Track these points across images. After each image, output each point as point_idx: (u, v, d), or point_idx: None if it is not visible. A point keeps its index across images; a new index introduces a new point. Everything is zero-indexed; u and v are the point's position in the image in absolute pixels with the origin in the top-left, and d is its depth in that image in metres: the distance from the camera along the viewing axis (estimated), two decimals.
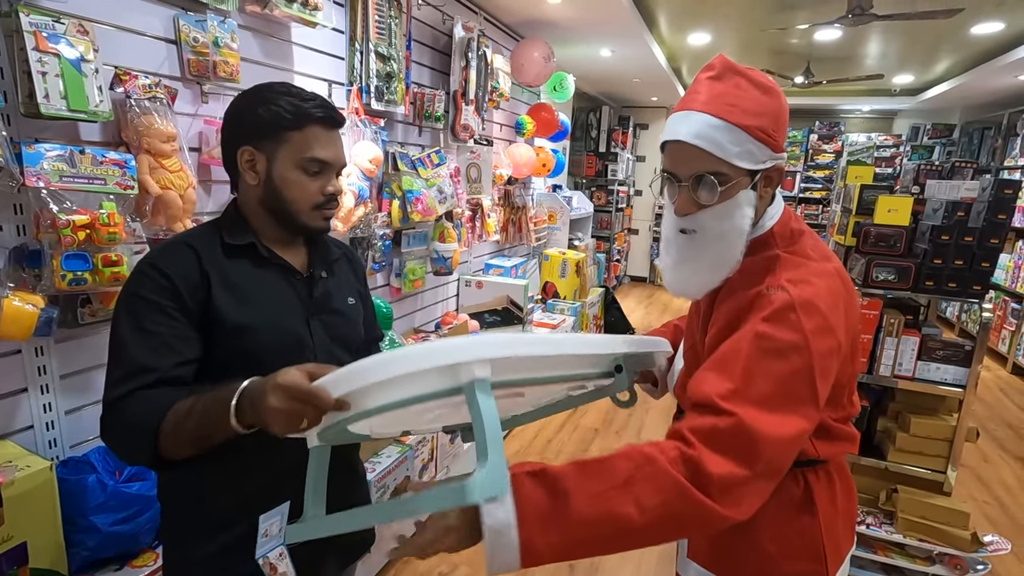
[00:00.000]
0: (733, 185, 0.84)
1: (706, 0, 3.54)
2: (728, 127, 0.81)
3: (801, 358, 0.77)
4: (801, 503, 0.94)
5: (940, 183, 2.06)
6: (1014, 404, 4.05)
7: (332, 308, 0.99)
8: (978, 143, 6.15)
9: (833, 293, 0.82)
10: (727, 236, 0.86)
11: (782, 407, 0.75)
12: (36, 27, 1.09)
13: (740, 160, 0.83)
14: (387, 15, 2.17)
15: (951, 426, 1.95)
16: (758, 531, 0.93)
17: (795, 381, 0.77)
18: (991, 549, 1.90)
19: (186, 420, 0.75)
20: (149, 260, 0.86)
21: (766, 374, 0.76)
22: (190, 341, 0.84)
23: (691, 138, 0.82)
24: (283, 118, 0.89)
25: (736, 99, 0.83)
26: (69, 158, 1.18)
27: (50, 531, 1.16)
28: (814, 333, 0.77)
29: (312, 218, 0.94)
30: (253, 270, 0.92)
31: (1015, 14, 3.52)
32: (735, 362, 0.78)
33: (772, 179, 0.88)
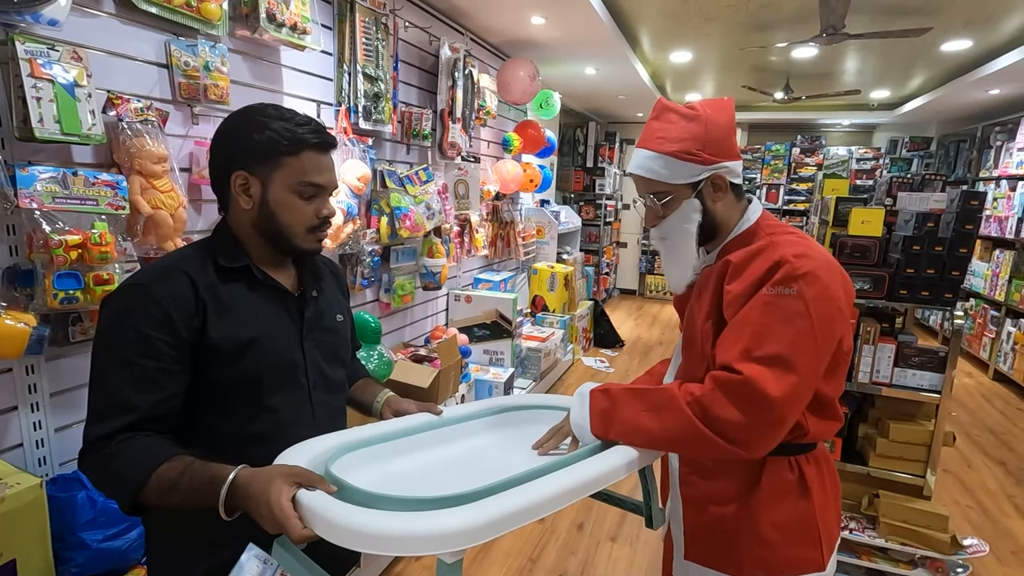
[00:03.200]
0: (674, 198, 1.03)
1: (686, 20, 3.65)
2: (657, 155, 1.02)
3: (805, 322, 0.89)
4: (796, 488, 1.01)
5: (911, 195, 2.13)
6: (996, 410, 4.12)
7: (324, 327, 1.01)
8: (954, 155, 6.32)
9: (831, 265, 0.95)
10: (681, 237, 1.05)
11: (785, 366, 0.88)
12: (31, 54, 1.13)
13: (674, 178, 1.01)
14: (374, 37, 2.23)
15: (929, 431, 2.00)
16: (758, 519, 1.00)
17: (799, 342, 0.89)
18: (971, 551, 1.94)
19: (171, 492, 0.76)
20: (143, 288, 0.83)
21: (773, 337, 0.89)
22: (176, 374, 0.83)
23: (634, 170, 1.05)
24: (278, 143, 0.88)
25: (664, 132, 1.02)
26: (62, 180, 1.21)
27: (40, 548, 1.16)
28: (815, 300, 0.90)
29: (307, 241, 0.94)
30: (247, 293, 0.91)
31: (982, 32, 3.66)
32: (746, 327, 0.92)
33: (719, 185, 1.02)
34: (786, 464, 1.01)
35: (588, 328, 5.21)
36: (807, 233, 1.32)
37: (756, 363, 0.88)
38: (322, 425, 0.97)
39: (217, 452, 0.87)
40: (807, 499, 1.00)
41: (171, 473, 0.77)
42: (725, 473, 1.04)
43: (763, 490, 1.00)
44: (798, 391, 0.89)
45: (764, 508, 1.00)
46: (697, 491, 1.09)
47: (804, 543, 1.01)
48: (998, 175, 5.22)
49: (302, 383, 0.95)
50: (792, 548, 1.00)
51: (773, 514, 1.00)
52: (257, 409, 0.90)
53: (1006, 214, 4.90)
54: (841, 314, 0.93)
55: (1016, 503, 2.84)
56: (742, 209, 1.05)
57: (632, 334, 5.86)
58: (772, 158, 7.59)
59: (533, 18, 3.03)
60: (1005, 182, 5.07)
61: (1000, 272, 4.85)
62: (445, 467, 0.97)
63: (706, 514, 1.07)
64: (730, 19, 3.56)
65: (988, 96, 4.95)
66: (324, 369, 0.98)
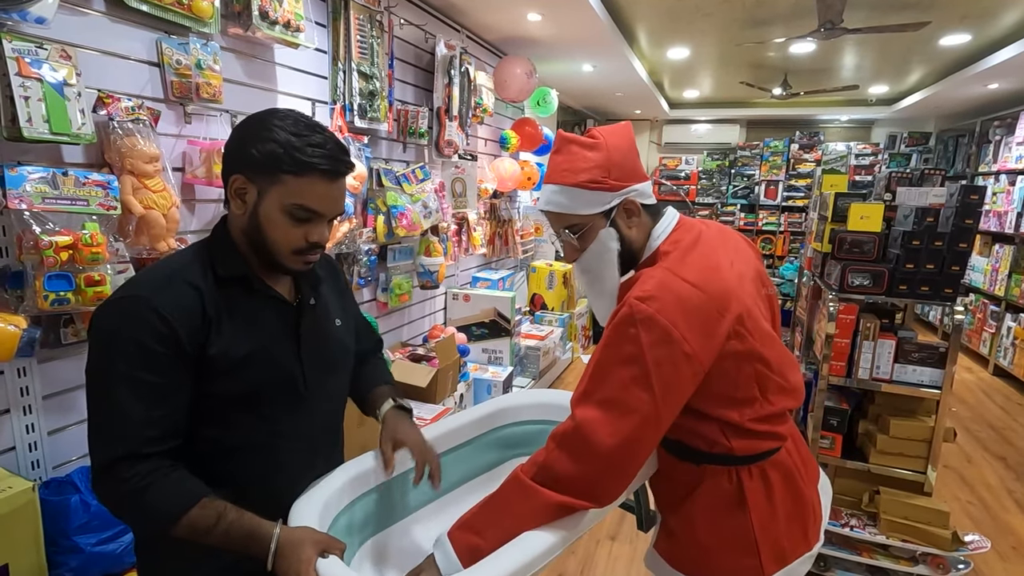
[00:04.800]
0: (589, 229, 1.01)
1: (683, 17, 3.63)
2: (564, 188, 0.99)
3: (639, 367, 0.87)
4: (732, 499, 1.00)
5: (910, 190, 2.12)
6: (996, 405, 4.11)
7: (322, 335, 0.97)
8: (953, 150, 6.30)
9: (682, 304, 0.89)
10: (602, 267, 1.02)
11: (619, 409, 0.88)
12: (19, 53, 1.12)
13: (585, 209, 0.99)
14: (369, 35, 2.21)
15: (929, 427, 1.99)
16: (694, 524, 1.02)
17: (633, 387, 0.87)
18: (972, 548, 1.93)
19: (204, 535, 0.79)
20: (147, 301, 0.79)
21: (609, 380, 0.89)
22: (183, 388, 0.82)
23: (544, 206, 1.03)
24: (282, 160, 0.82)
25: (568, 164, 1.00)
26: (51, 180, 1.20)
27: (32, 553, 1.15)
28: (651, 345, 0.87)
29: (291, 261, 0.89)
30: (245, 303, 0.88)
31: (980, 26, 3.64)
32: (589, 368, 0.93)
33: (631, 210, 1.01)
34: (724, 474, 1.00)
35: (587, 326, 5.20)
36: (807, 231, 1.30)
37: (592, 406, 0.88)
38: (319, 435, 0.96)
39: (213, 463, 0.87)
40: (743, 511, 0.99)
41: (205, 520, 0.79)
42: (673, 478, 1.06)
43: (699, 497, 1.01)
44: (637, 436, 0.88)
45: (700, 515, 1.02)
46: (656, 490, 1.13)
47: (740, 552, 1.00)
48: (997, 170, 5.21)
49: (300, 393, 0.93)
50: (726, 556, 1.01)
51: (708, 522, 1.01)
52: (255, 420, 0.88)
53: (1005, 209, 4.88)
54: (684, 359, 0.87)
55: (1016, 498, 2.83)
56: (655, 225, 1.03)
57: None
58: (770, 154, 7.57)
59: (529, 15, 3.01)
60: (1004, 176, 5.06)
61: (1000, 267, 4.84)
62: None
63: (663, 512, 1.11)
64: (727, 15, 3.55)
65: (987, 91, 4.93)
66: (322, 378, 0.96)
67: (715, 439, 0.97)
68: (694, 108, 7.12)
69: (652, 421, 0.89)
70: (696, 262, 0.95)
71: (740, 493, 0.99)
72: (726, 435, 0.97)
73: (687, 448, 1.02)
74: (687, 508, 1.02)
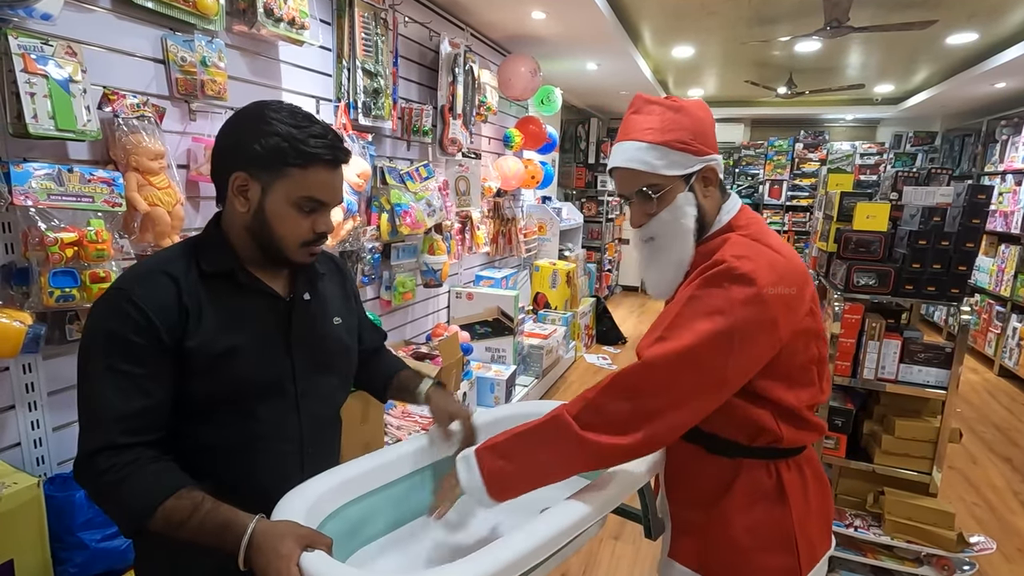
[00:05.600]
0: (669, 191, 0.96)
1: (688, 15, 3.62)
2: (650, 146, 0.95)
3: (724, 321, 0.85)
4: (773, 493, 0.96)
5: (916, 189, 2.11)
6: (1001, 406, 4.09)
7: (316, 332, 0.95)
8: (959, 150, 6.27)
9: (775, 270, 0.88)
10: (677, 234, 0.97)
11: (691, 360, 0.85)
12: (25, 49, 1.12)
13: (668, 169, 0.95)
14: (373, 33, 2.21)
15: (935, 427, 1.98)
16: (729, 523, 0.96)
17: (712, 340, 0.85)
18: (977, 549, 1.92)
19: (179, 528, 0.75)
20: (125, 293, 0.80)
21: (689, 329, 0.86)
22: (162, 380, 0.81)
23: (622, 163, 0.97)
24: (287, 153, 0.82)
25: (652, 123, 0.97)
26: (57, 176, 1.20)
27: (37, 548, 1.16)
28: (742, 303, 0.85)
29: (298, 254, 0.89)
30: (231, 298, 0.87)
31: (987, 25, 3.62)
32: (666, 319, 0.90)
33: (709, 179, 0.98)
34: (763, 468, 0.97)
35: (590, 325, 5.19)
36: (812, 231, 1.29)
37: (662, 349, 0.86)
38: (308, 436, 0.94)
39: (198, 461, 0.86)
40: (784, 505, 0.96)
41: (180, 512, 0.75)
42: (703, 474, 1.01)
43: (737, 494, 0.97)
44: (700, 391, 0.86)
45: (737, 512, 0.96)
46: (679, 490, 1.07)
47: (778, 550, 0.96)
48: (1003, 169, 5.18)
49: (288, 392, 0.91)
50: (765, 555, 0.96)
51: (746, 518, 0.96)
52: (240, 419, 0.87)
53: (1012, 208, 4.86)
54: (775, 326, 0.87)
55: (1023, 500, 2.82)
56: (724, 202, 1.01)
57: (635, 331, 5.83)
58: (775, 153, 7.55)
59: (534, 13, 3.00)
60: (1011, 176, 5.02)
61: (1006, 267, 4.81)
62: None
63: (686, 514, 1.05)
64: (732, 13, 3.53)
65: (994, 90, 4.90)
66: (314, 378, 0.94)
67: (763, 427, 0.94)
68: None
69: (719, 383, 0.87)
70: (775, 238, 0.96)
71: (780, 487, 0.96)
72: (778, 422, 0.94)
73: (722, 441, 0.98)
74: (722, 507, 0.97)
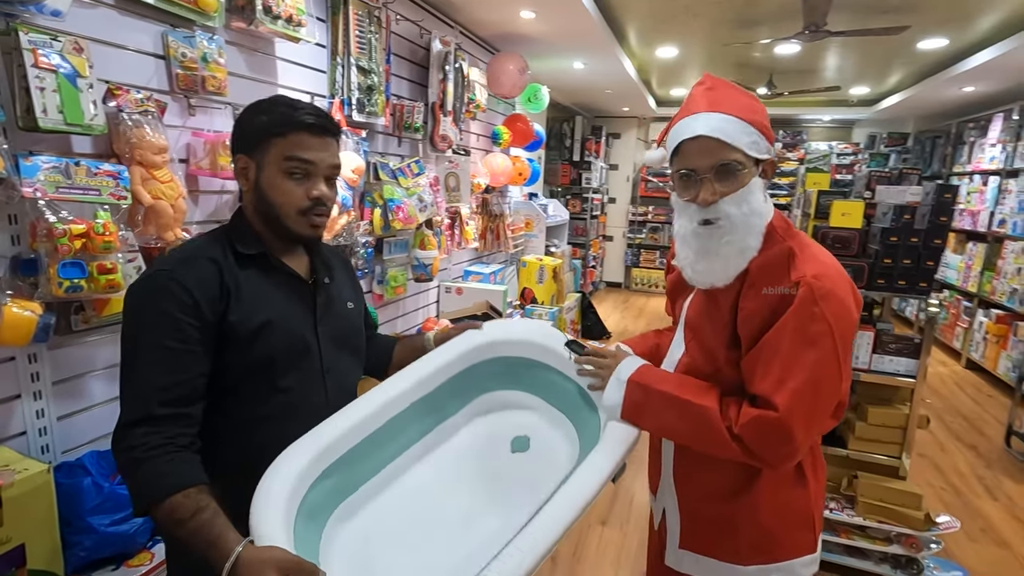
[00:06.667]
0: (747, 172, 0.94)
1: (672, 17, 3.71)
2: (737, 120, 0.92)
3: (830, 343, 0.91)
4: (794, 477, 1.04)
5: (888, 188, 2.21)
6: (968, 397, 4.28)
7: (336, 313, 1.03)
8: (930, 151, 6.49)
9: (842, 275, 0.96)
10: (749, 219, 0.94)
11: (815, 394, 0.91)
12: (35, 45, 1.14)
13: (750, 149, 0.93)
14: (367, 30, 2.24)
15: (905, 414, 2.09)
16: (758, 509, 1.03)
17: (825, 365, 0.91)
18: (943, 528, 2.04)
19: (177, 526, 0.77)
20: (169, 273, 0.86)
21: (803, 365, 0.90)
22: (201, 356, 0.86)
23: (709, 131, 0.92)
24: (270, 124, 0.92)
25: (734, 100, 0.95)
26: (64, 170, 1.22)
27: (47, 533, 1.18)
28: (836, 319, 0.90)
29: (299, 224, 0.94)
30: (264, 279, 0.94)
31: (957, 31, 3.77)
32: (775, 356, 0.92)
33: (767, 172, 0.99)
34: None
35: (576, 320, 5.28)
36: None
37: (789, 396, 0.89)
38: (333, 408, 1.00)
39: (228, 433, 0.91)
40: (804, 486, 1.04)
41: (181, 511, 0.77)
42: (724, 465, 1.04)
43: (764, 481, 1.02)
44: (822, 416, 0.96)
45: (765, 497, 1.02)
46: (694, 484, 1.10)
47: (800, 528, 1.04)
48: (971, 170, 5.39)
49: (315, 366, 0.98)
50: (790, 533, 1.04)
51: (774, 502, 1.03)
52: (270, 391, 0.93)
53: (979, 208, 5.06)
54: (855, 326, 0.96)
55: (986, 484, 2.97)
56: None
57: (619, 326, 5.94)
58: None
59: (523, 12, 3.05)
60: (978, 177, 5.23)
61: (973, 264, 5.02)
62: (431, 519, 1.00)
63: (704, 506, 1.08)
64: (715, 15, 3.63)
65: (962, 93, 5.09)
66: (337, 354, 1.01)
67: None
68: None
69: (837, 392, 0.95)
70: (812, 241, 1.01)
71: (800, 470, 1.04)
72: None
73: None
74: (751, 495, 1.03)
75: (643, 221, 7.95)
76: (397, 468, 1.05)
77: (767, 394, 0.91)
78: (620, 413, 1.02)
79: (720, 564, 1.07)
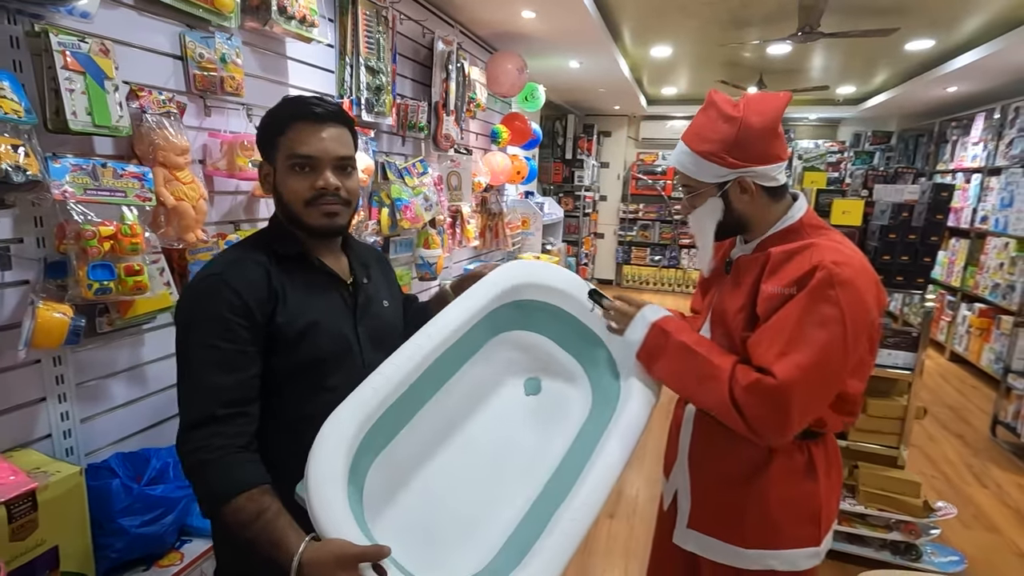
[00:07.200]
0: (700, 194, 1.11)
1: (668, 17, 3.75)
2: (689, 152, 1.09)
3: (840, 328, 0.93)
4: (804, 470, 1.08)
5: (887, 187, 2.28)
6: (953, 388, 4.41)
7: (374, 313, 1.05)
8: (913, 149, 6.64)
9: (867, 273, 0.99)
10: (702, 229, 1.13)
11: (817, 373, 0.94)
12: (64, 46, 1.13)
13: (700, 176, 1.09)
14: (375, 30, 2.25)
15: (902, 406, 2.17)
16: (767, 498, 1.07)
17: (831, 349, 0.94)
18: (941, 514, 2.11)
19: (243, 528, 0.79)
20: (219, 276, 0.88)
21: (808, 342, 0.94)
22: (254, 357, 0.88)
23: (671, 161, 1.16)
24: (272, 124, 0.94)
25: (701, 129, 1.08)
26: (92, 171, 1.22)
27: (80, 535, 1.18)
28: (850, 306, 0.94)
29: (309, 215, 0.93)
30: (307, 281, 0.96)
31: (944, 33, 3.87)
32: (784, 330, 0.97)
33: (746, 188, 1.07)
34: (796, 448, 1.08)
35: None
36: None
37: (791, 368, 0.93)
38: None
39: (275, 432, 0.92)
40: (814, 480, 1.08)
41: (246, 513, 0.79)
42: (737, 453, 1.10)
43: (774, 471, 1.07)
44: (820, 398, 0.98)
45: (773, 487, 1.07)
46: (707, 469, 1.15)
47: (805, 521, 1.08)
48: (954, 168, 5.53)
49: (357, 364, 0.99)
50: (795, 525, 1.08)
51: (781, 493, 1.07)
52: (316, 390, 0.94)
53: (962, 205, 5.20)
54: (872, 324, 0.98)
55: (975, 472, 3.07)
56: (784, 207, 1.09)
57: None
58: None
59: (524, 12, 3.07)
60: (960, 174, 5.37)
61: (956, 260, 5.16)
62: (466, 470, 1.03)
63: (715, 489, 1.13)
64: (710, 15, 3.68)
65: (946, 93, 5.22)
66: (377, 354, 1.02)
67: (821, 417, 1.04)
68: (671, 104, 7.29)
69: (840, 380, 0.98)
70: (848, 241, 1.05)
71: (811, 464, 1.08)
72: (831, 409, 1.04)
73: None
74: (760, 483, 1.08)
75: (634, 219, 8.02)
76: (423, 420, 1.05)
77: (769, 363, 0.96)
78: (637, 352, 1.08)
79: (724, 545, 1.12)
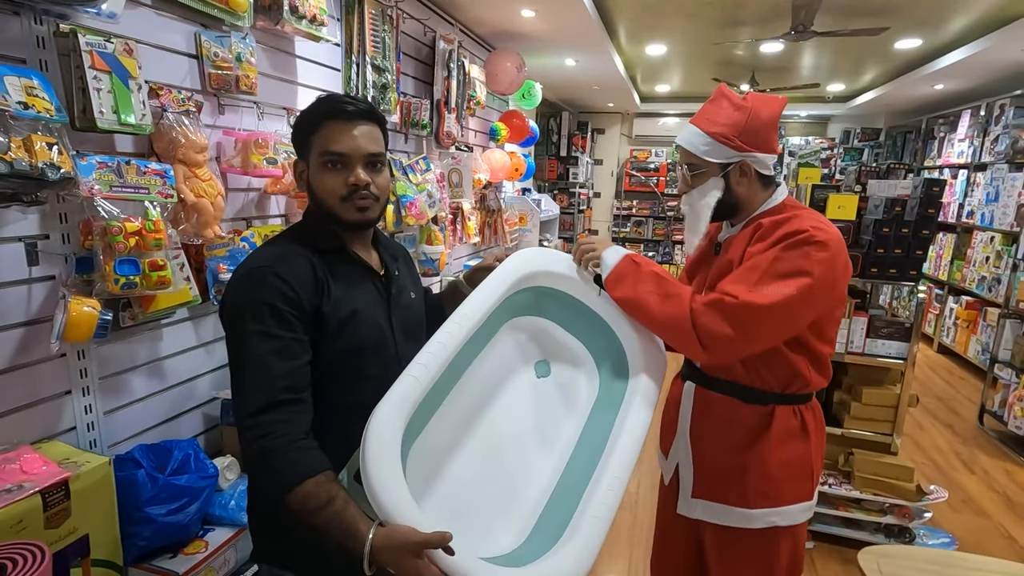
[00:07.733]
0: (703, 173, 1.19)
1: (663, 15, 3.81)
2: (699, 132, 1.18)
3: (807, 279, 1.03)
4: (798, 432, 1.19)
5: (880, 182, 2.35)
6: (941, 379, 4.52)
7: (404, 304, 1.09)
8: (901, 145, 6.76)
9: (840, 243, 1.09)
10: (700, 209, 1.20)
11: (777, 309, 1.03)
12: (92, 46, 1.16)
13: (707, 156, 1.17)
14: (381, 29, 2.28)
15: (896, 394, 2.24)
16: (766, 459, 1.18)
17: (796, 295, 1.03)
18: (932, 498, 2.19)
19: (312, 515, 0.80)
20: (268, 269, 0.90)
21: (777, 287, 1.03)
22: (306, 345, 0.91)
23: (680, 142, 1.22)
24: (305, 122, 0.98)
25: (712, 114, 1.17)
26: (117, 168, 1.24)
27: (109, 523, 1.21)
28: (820, 263, 1.04)
29: (344, 210, 0.97)
30: (347, 273, 1.00)
31: (932, 32, 3.96)
32: (752, 274, 1.07)
33: (745, 171, 1.17)
34: (791, 412, 1.19)
35: None
36: None
37: (754, 295, 1.03)
38: None
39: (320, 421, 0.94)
40: (806, 440, 1.20)
41: (316, 499, 0.80)
42: (740, 423, 1.20)
43: (773, 435, 1.18)
44: (773, 332, 1.07)
45: (773, 449, 1.18)
46: (709, 438, 1.25)
47: (801, 477, 1.20)
48: (941, 164, 5.64)
49: (391, 353, 1.03)
50: (792, 482, 1.19)
51: (780, 454, 1.18)
52: (357, 378, 0.98)
53: (948, 200, 5.31)
54: (837, 286, 1.09)
55: (963, 459, 3.17)
56: (769, 194, 1.20)
57: None
58: None
59: (524, 11, 3.11)
60: (947, 170, 5.49)
61: (943, 254, 5.27)
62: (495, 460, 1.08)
63: (718, 458, 1.23)
64: (706, 15, 3.74)
65: (933, 91, 5.33)
66: (408, 344, 1.06)
67: (797, 373, 1.14)
68: (664, 102, 7.36)
69: (798, 323, 1.07)
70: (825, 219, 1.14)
71: (804, 426, 1.19)
72: (812, 369, 1.15)
73: (758, 392, 1.18)
74: (760, 447, 1.18)
75: (627, 215, 8.10)
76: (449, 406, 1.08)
77: (734, 290, 1.05)
78: (607, 276, 1.16)
79: (729, 508, 1.22)
